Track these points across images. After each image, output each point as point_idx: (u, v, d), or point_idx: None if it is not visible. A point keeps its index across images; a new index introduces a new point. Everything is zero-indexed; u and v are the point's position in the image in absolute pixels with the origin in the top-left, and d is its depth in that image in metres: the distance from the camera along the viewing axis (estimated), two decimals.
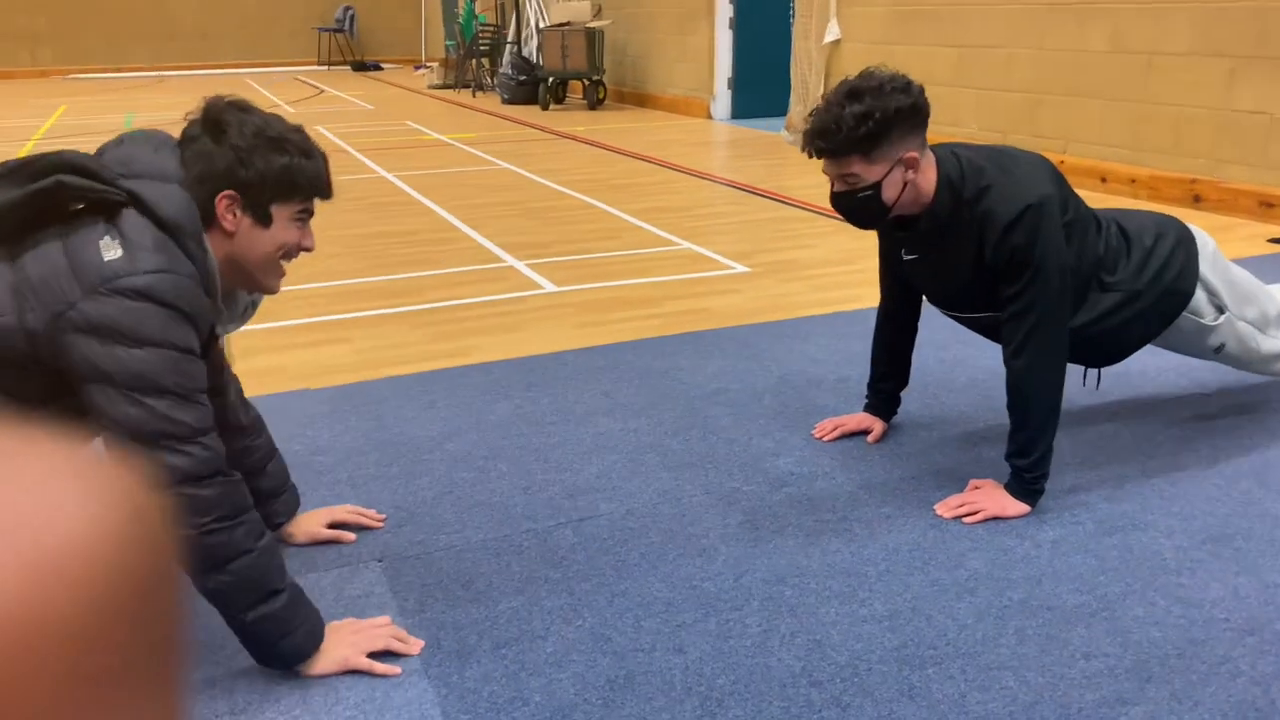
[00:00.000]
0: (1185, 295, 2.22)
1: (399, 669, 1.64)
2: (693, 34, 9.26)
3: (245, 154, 1.51)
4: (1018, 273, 2.00)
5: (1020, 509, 2.10)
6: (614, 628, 1.76)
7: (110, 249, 1.42)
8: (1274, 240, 4.43)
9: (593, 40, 9.84)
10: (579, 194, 5.70)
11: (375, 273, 4.06)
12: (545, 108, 10.11)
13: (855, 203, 2.04)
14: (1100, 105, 5.45)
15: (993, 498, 2.12)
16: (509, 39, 11.82)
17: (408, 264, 4.19)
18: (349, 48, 17.03)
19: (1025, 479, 2.10)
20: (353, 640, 1.65)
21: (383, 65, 17.07)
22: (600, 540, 2.04)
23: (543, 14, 11.01)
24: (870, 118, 1.92)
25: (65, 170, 1.43)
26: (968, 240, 2.04)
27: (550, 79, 10.16)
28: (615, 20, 10.23)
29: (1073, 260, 2.06)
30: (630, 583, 1.90)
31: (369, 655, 1.64)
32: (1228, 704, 1.55)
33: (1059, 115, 5.70)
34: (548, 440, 2.50)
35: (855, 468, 2.34)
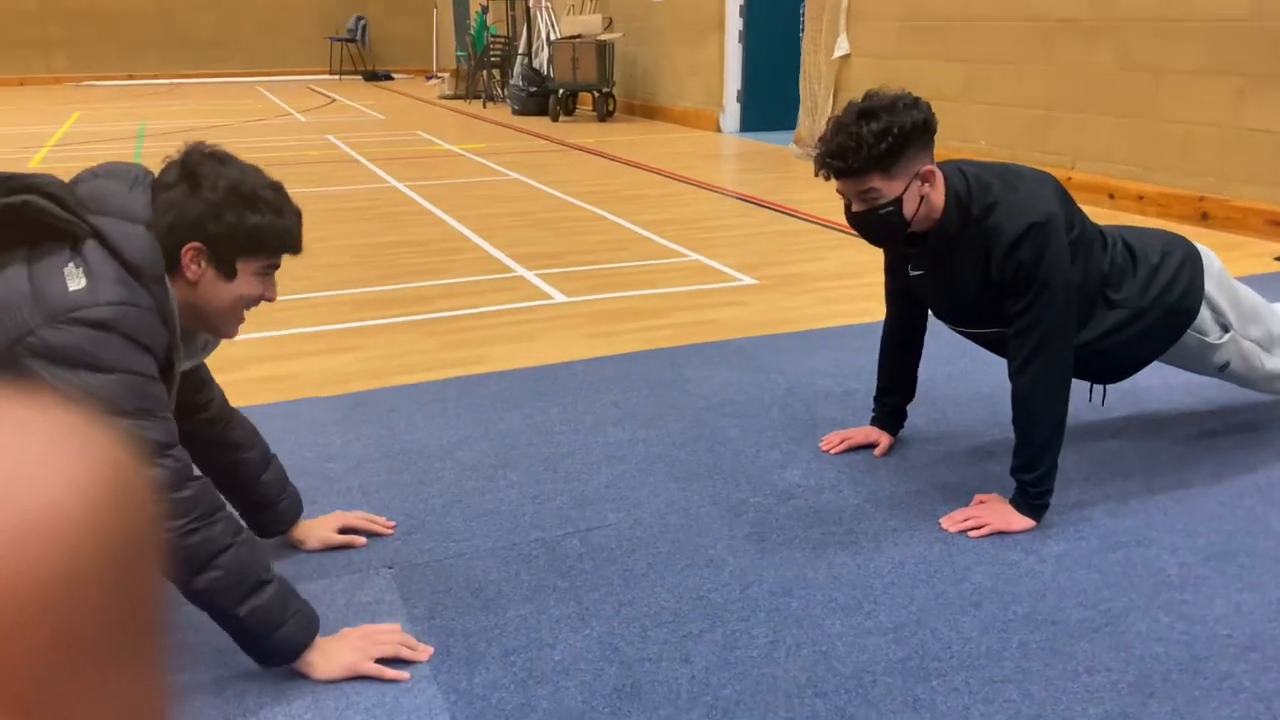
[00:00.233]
0: (1190, 313, 2.23)
1: (408, 674, 1.66)
2: (702, 48, 9.30)
3: (217, 208, 1.52)
4: (1023, 289, 2.01)
5: (1025, 524, 2.11)
6: (621, 637, 1.78)
7: (75, 278, 1.43)
8: None
9: (603, 53, 9.89)
10: (588, 205, 5.73)
11: (386, 282, 4.09)
12: (555, 119, 10.16)
13: (876, 220, 2.05)
14: (1109, 122, 5.47)
15: (998, 512, 2.13)
16: (520, 51, 11.88)
17: (418, 273, 4.22)
18: (361, 57, 17.13)
19: (1030, 494, 2.11)
20: (361, 646, 1.67)
21: (394, 75, 17.17)
22: (608, 550, 2.06)
23: (554, 26, 11.07)
24: (889, 134, 1.94)
25: (36, 194, 1.44)
26: (974, 256, 2.06)
27: (561, 91, 10.21)
28: (626, 33, 10.28)
29: (1078, 277, 2.08)
30: (638, 592, 1.91)
31: (378, 661, 1.66)
32: (1230, 719, 1.57)
33: (1068, 131, 5.72)
34: (557, 450, 2.52)
35: (862, 481, 2.36)
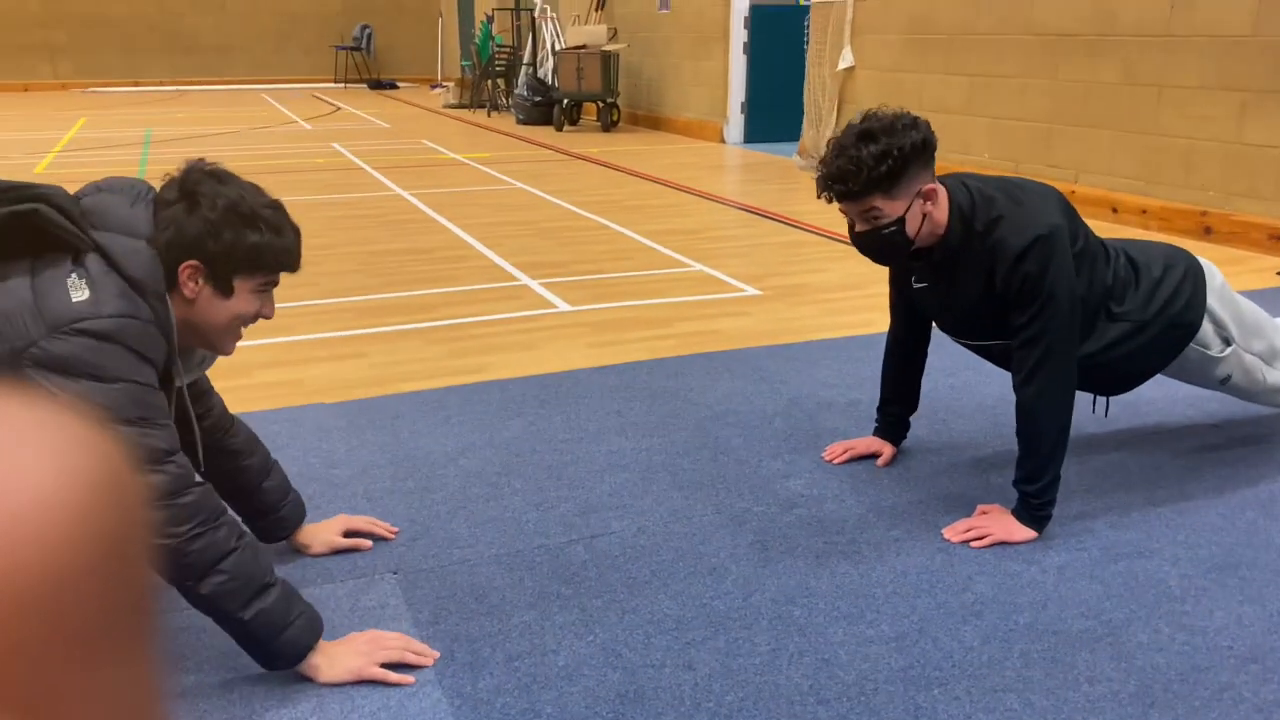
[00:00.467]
0: (1192, 326, 2.25)
1: (412, 679, 1.67)
2: (707, 59, 9.34)
3: (215, 227, 1.54)
4: (1028, 301, 2.03)
5: (1027, 534, 2.12)
6: (625, 644, 1.79)
7: (78, 289, 1.44)
8: None
9: (608, 63, 9.93)
10: (592, 215, 5.75)
11: (391, 289, 4.10)
12: (560, 129, 10.20)
13: (880, 239, 2.07)
14: (1112, 136, 5.50)
15: (1000, 523, 2.14)
16: (525, 60, 11.93)
17: (423, 281, 4.24)
18: (366, 66, 17.19)
19: (1033, 505, 2.12)
20: (367, 650, 1.68)
21: (399, 84, 17.23)
22: (612, 557, 2.07)
23: (559, 36, 11.12)
24: (889, 156, 1.96)
25: (45, 204, 1.45)
26: (978, 269, 2.07)
27: (565, 100, 10.25)
28: (631, 44, 10.33)
29: (1082, 289, 2.09)
30: (641, 600, 1.92)
31: (384, 666, 1.67)
32: None
33: (1071, 145, 5.74)
34: (560, 458, 2.53)
35: (864, 491, 2.37)
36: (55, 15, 15.78)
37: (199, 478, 1.58)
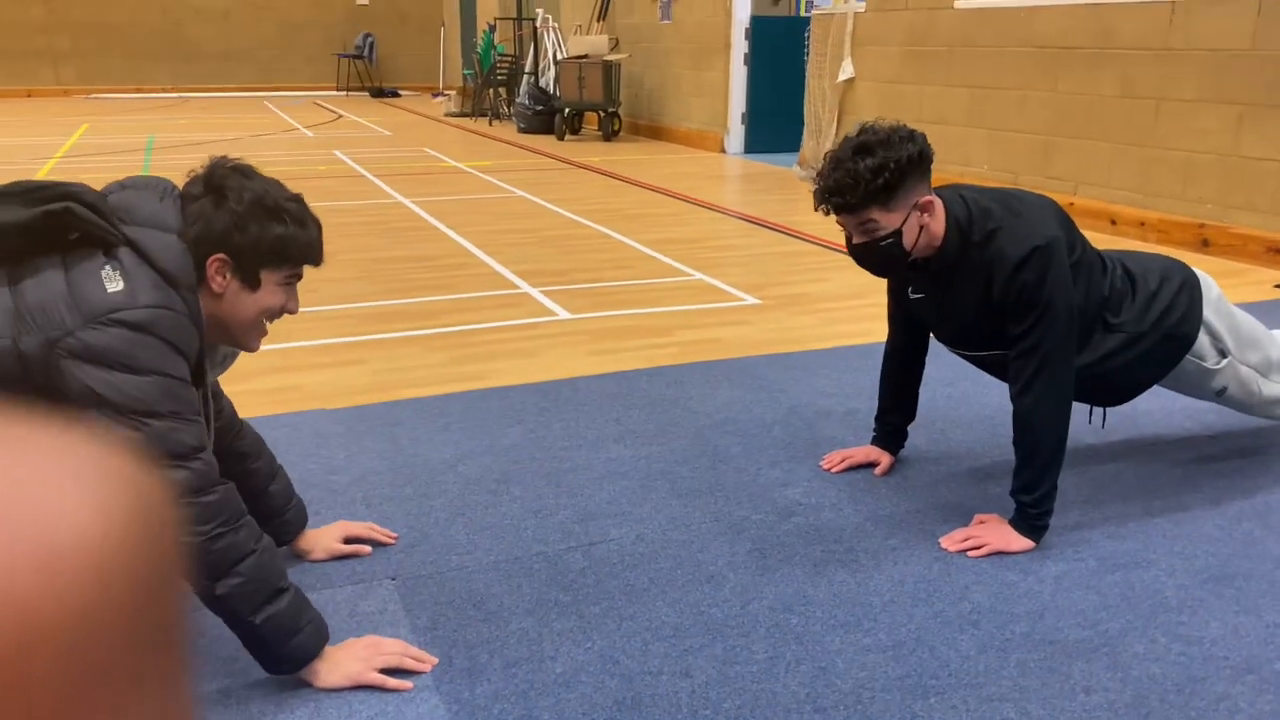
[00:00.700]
0: (1188, 338, 2.26)
1: (410, 684, 1.68)
2: (708, 69, 9.37)
3: (242, 220, 1.55)
4: (1026, 311, 2.04)
5: (1024, 544, 2.13)
6: (622, 651, 1.79)
7: (112, 280, 1.46)
8: None
9: (609, 73, 9.96)
10: (593, 223, 5.76)
11: (392, 296, 4.12)
12: (561, 138, 10.22)
13: (877, 251, 2.08)
14: (1110, 149, 5.51)
15: (997, 532, 2.15)
16: (526, 69, 11.96)
17: (424, 288, 4.25)
18: (368, 74, 17.24)
19: (1030, 515, 2.13)
20: (366, 655, 1.69)
21: (401, 92, 17.27)
22: (610, 565, 2.08)
23: (560, 46, 11.15)
24: (886, 169, 1.97)
25: (76, 201, 1.47)
26: (975, 280, 2.08)
27: (566, 110, 10.28)
28: (632, 54, 10.36)
29: (1079, 300, 2.10)
30: (639, 607, 1.93)
31: (382, 671, 1.68)
32: None
33: (1070, 158, 5.76)
34: (559, 465, 2.54)
35: (862, 500, 2.38)
36: (58, 21, 15.82)
37: (221, 477, 1.58)
